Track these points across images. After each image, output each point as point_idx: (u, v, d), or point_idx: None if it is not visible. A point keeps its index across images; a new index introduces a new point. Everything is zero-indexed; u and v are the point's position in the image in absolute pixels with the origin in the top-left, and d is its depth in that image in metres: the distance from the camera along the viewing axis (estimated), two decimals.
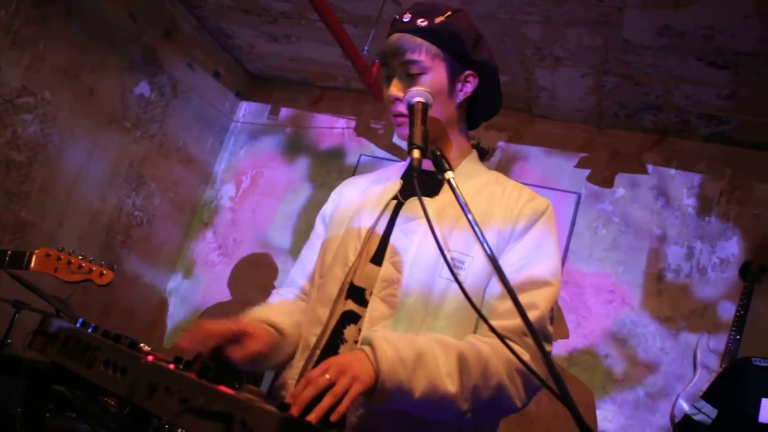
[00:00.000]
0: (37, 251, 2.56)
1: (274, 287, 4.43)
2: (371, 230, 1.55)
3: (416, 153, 1.32)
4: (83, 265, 2.60)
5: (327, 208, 1.78)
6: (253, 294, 4.56)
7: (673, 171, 4.01)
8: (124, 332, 1.21)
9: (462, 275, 1.43)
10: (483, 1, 3.26)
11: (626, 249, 3.94)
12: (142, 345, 1.16)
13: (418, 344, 1.29)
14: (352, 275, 1.52)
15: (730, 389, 2.91)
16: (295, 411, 1.06)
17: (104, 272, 2.64)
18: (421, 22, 1.51)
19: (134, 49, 4.16)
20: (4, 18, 3.36)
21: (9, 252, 2.56)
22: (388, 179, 1.67)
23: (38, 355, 1.29)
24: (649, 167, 4.07)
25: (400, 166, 1.71)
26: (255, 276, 4.65)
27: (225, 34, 4.59)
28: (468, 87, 1.58)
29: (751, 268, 3.54)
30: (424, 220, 1.26)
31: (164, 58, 4.38)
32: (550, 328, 1.45)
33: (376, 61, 3.61)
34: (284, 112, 5.07)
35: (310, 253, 1.73)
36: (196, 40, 4.58)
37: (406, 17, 1.53)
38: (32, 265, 2.54)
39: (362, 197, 1.66)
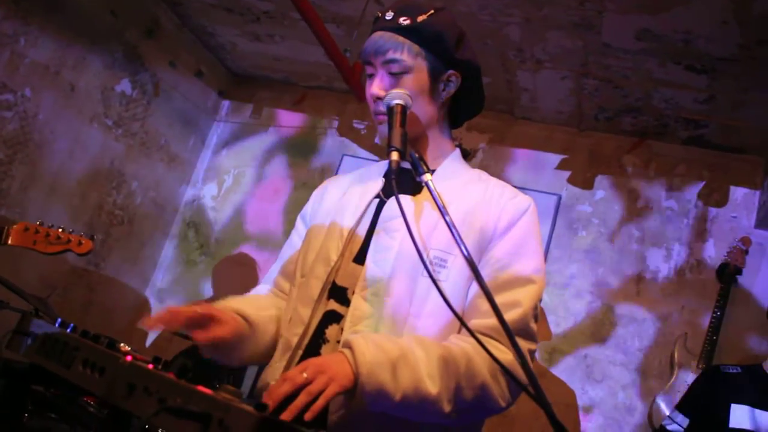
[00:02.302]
0: (14, 226, 2.48)
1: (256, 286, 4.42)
2: (353, 229, 1.53)
3: (395, 155, 1.33)
4: (61, 236, 2.56)
5: (308, 207, 1.77)
6: (234, 293, 4.54)
7: (651, 173, 4.06)
8: (104, 332, 1.20)
9: (445, 273, 1.42)
10: (464, 1, 3.28)
11: (606, 250, 3.97)
12: (122, 345, 1.16)
13: (399, 345, 1.28)
14: (335, 275, 1.50)
15: (702, 397, 2.95)
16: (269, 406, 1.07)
17: (83, 241, 2.60)
18: (404, 21, 1.49)
19: (116, 47, 4.14)
20: None
21: None
22: (370, 178, 1.65)
23: (16, 355, 1.28)
24: (629, 169, 4.11)
25: (382, 165, 1.69)
26: (237, 275, 4.64)
27: (207, 33, 4.57)
28: (450, 87, 1.57)
29: (727, 270, 3.57)
30: None
31: (146, 56, 4.36)
32: (533, 326, 1.44)
33: (359, 61, 3.61)
34: (267, 111, 5.06)
35: (290, 251, 1.73)
36: (179, 38, 4.56)
37: (389, 15, 1.52)
38: (10, 240, 2.48)
39: (344, 196, 1.64)
